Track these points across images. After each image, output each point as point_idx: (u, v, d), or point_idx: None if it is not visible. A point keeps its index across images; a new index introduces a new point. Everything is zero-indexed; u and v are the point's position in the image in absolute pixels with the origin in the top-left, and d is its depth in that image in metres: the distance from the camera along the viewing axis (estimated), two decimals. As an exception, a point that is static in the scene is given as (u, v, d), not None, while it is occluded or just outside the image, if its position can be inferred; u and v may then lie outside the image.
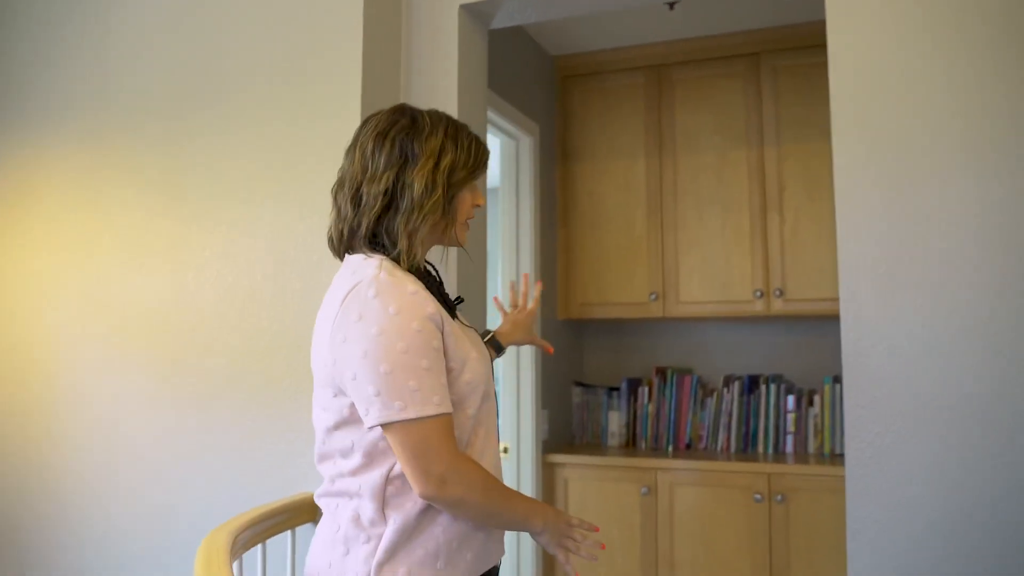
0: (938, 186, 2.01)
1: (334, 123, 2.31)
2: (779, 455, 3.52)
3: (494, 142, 3.65)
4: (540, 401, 3.55)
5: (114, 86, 2.57)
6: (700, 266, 3.64)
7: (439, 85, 2.49)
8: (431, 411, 1.45)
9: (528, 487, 3.47)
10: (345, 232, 1.60)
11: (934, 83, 2.04)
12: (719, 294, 3.61)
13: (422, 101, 2.46)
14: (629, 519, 3.43)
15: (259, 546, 1.92)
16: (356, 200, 1.57)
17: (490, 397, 1.64)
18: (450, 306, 1.66)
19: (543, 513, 1.61)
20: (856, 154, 2.09)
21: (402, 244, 1.55)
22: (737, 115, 3.65)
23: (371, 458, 1.52)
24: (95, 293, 2.53)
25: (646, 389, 3.79)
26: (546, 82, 3.85)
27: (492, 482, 1.54)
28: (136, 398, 2.46)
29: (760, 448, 3.59)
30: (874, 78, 2.09)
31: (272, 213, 2.40)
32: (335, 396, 1.54)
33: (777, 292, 3.50)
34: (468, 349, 1.57)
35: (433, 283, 1.65)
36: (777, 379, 3.69)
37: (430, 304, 1.49)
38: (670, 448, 3.67)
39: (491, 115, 3.31)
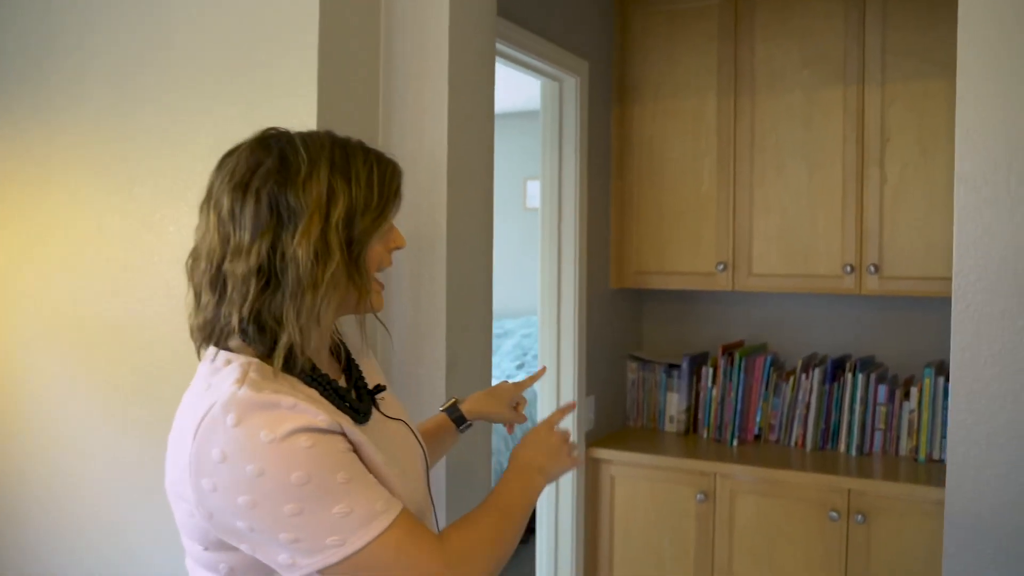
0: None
1: (289, 91, 1.82)
2: (863, 457, 2.99)
3: (533, 84, 3.08)
4: (584, 387, 3.09)
5: (59, 48, 2.11)
6: (779, 232, 3.05)
7: (428, 36, 1.94)
8: (383, 524, 1.08)
9: (568, 485, 3.06)
10: (206, 326, 1.16)
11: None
12: (800, 267, 3.02)
13: (408, 55, 1.93)
14: (683, 527, 2.99)
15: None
16: (219, 283, 1.12)
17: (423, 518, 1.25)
18: (356, 409, 1.22)
19: (528, 477, 1.30)
20: (985, 93, 1.48)
21: (292, 337, 1.11)
22: (833, 44, 2.97)
23: None
24: (50, 300, 2.15)
25: (711, 370, 3.28)
26: (600, 9, 3.22)
27: (486, 524, 1.21)
28: (84, 420, 2.11)
29: (841, 447, 3.06)
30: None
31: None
32: (207, 550, 1.13)
33: (872, 268, 2.89)
34: (387, 466, 1.16)
35: (328, 385, 1.19)
36: (867, 365, 3.12)
37: (320, 414, 1.07)
38: (735, 441, 3.18)
39: (526, 57, 2.75)
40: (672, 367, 3.36)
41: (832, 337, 3.30)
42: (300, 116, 1.80)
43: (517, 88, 4.73)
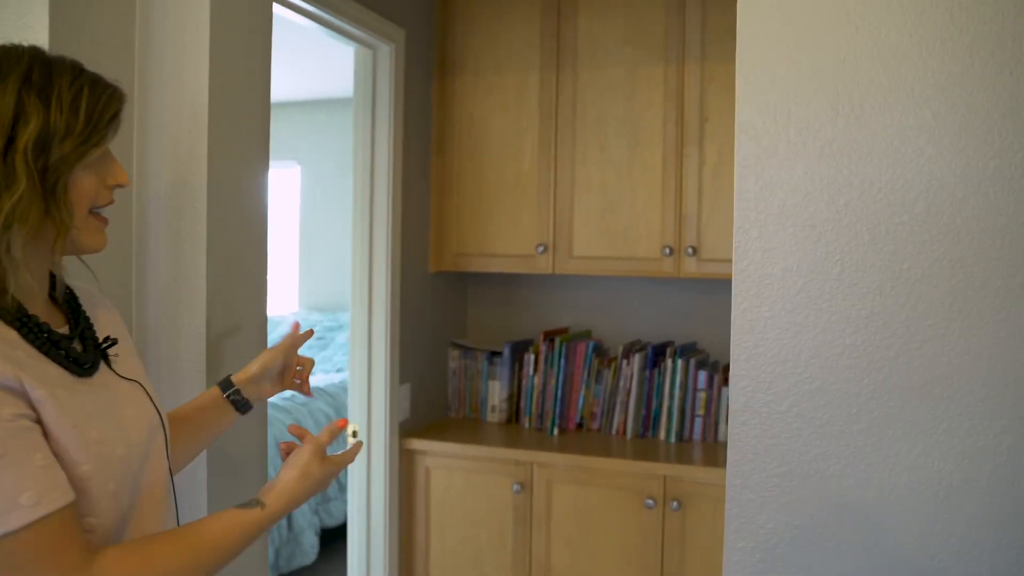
0: (892, 107, 1.33)
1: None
2: (683, 443, 2.94)
3: (346, 52, 2.89)
4: (397, 375, 2.91)
5: None
6: (600, 212, 2.96)
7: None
8: (18, 522, 0.91)
9: (380, 479, 2.87)
10: None
11: None
12: (620, 249, 2.94)
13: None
14: (500, 519, 2.85)
15: None
16: None
17: (142, 483, 1.10)
18: (77, 360, 1.05)
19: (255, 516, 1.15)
20: (765, 35, 1.38)
21: None
22: (655, 21, 2.90)
23: None
24: None
25: (532, 357, 3.16)
26: (419, -28, 3.06)
27: (164, 561, 1.05)
28: None
29: (662, 434, 3.00)
30: None
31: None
32: None
33: (689, 250, 2.84)
34: (83, 426, 0.99)
35: (34, 330, 1.01)
36: (688, 350, 3.08)
37: None
38: (555, 430, 3.07)
39: (333, 19, 2.54)
40: (495, 354, 3.23)
41: (655, 322, 3.25)
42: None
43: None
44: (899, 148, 1.31)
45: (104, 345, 1.13)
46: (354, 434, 2.89)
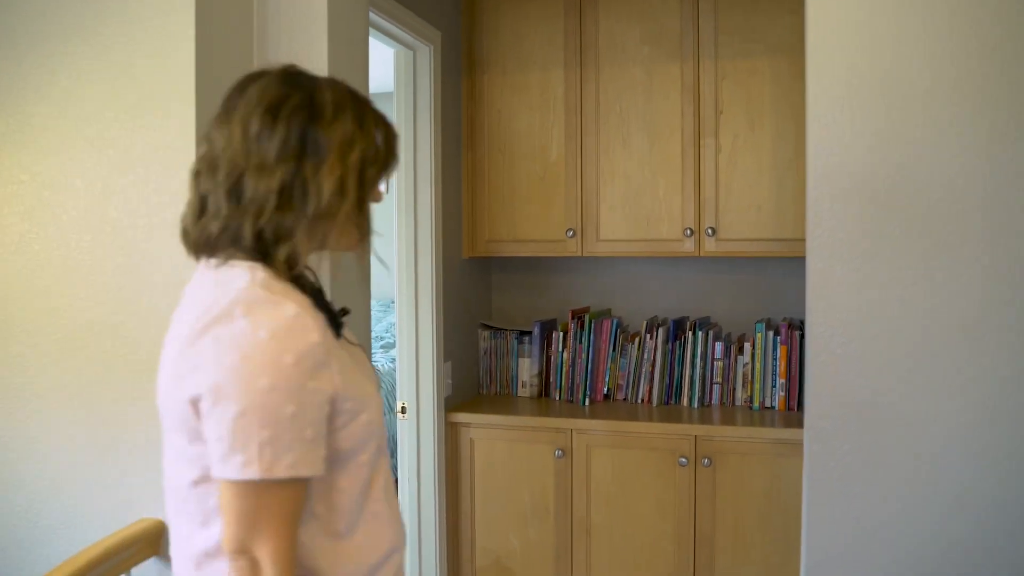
0: (930, 118, 1.61)
1: (162, 47, 1.77)
2: (704, 408, 3.21)
3: (386, 53, 3.10)
4: (442, 353, 3.14)
5: None
6: (624, 199, 3.22)
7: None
8: (280, 473, 1.09)
9: (429, 450, 3.10)
10: (216, 231, 1.19)
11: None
12: (644, 231, 3.20)
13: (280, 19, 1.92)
14: (542, 483, 3.10)
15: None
16: (236, 193, 1.18)
17: (385, 449, 1.31)
18: (337, 323, 1.27)
19: None
20: (830, 42, 1.65)
21: (295, 250, 1.19)
22: (670, 23, 3.17)
23: None
24: None
25: (561, 335, 3.41)
26: (449, -21, 3.28)
27: None
28: None
29: (684, 401, 3.27)
30: None
31: (89, 164, 1.88)
32: (191, 443, 1.16)
33: (709, 231, 3.11)
34: (364, 382, 1.23)
35: (321, 298, 1.25)
36: (704, 324, 3.35)
37: (314, 332, 1.13)
38: (586, 401, 3.32)
39: (382, 21, 2.76)
40: (523, 334, 3.47)
41: (669, 300, 3.52)
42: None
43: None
44: (940, 136, 1.59)
45: (342, 313, 1.33)
46: (403, 409, 3.12)
